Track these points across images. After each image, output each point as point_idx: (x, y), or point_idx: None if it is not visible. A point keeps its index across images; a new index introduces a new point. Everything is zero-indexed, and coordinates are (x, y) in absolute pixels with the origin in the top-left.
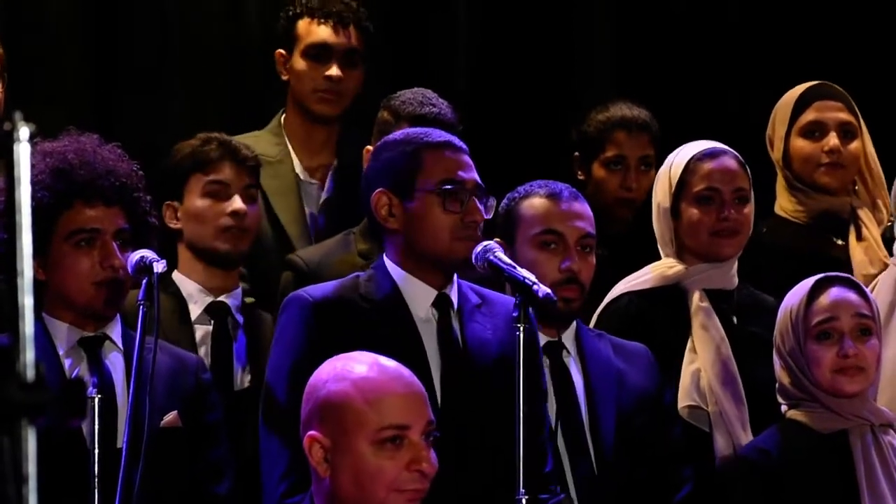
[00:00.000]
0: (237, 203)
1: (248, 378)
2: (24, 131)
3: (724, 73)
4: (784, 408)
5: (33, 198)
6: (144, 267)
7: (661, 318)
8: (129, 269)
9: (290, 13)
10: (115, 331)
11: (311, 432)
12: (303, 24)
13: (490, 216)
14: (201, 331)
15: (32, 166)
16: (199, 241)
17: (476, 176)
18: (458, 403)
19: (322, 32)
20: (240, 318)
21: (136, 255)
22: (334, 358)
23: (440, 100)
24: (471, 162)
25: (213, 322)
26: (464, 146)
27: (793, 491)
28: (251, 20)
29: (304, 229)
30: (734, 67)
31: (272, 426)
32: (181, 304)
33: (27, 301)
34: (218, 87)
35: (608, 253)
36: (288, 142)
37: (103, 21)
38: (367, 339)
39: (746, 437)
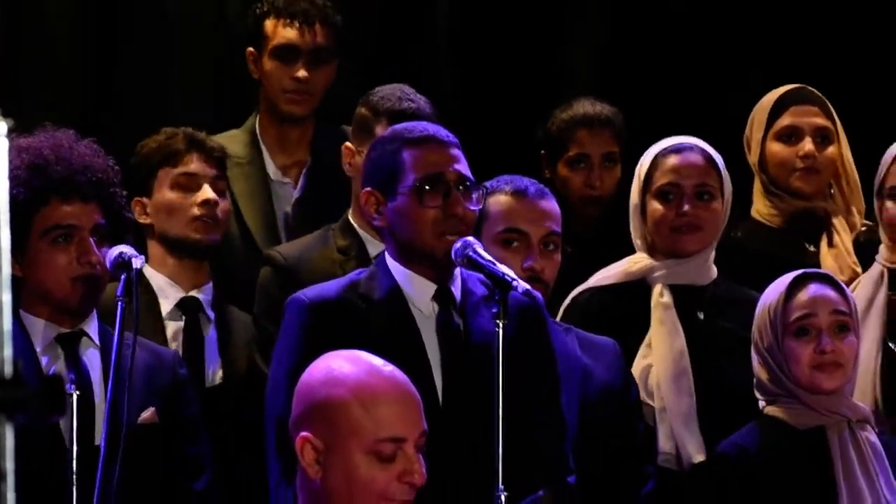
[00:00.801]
0: (208, 192)
1: (219, 374)
2: (1, 126)
3: (709, 74)
4: (762, 404)
5: (11, 195)
6: (123, 263)
7: (624, 313)
8: (108, 265)
9: (258, 11)
10: (91, 327)
11: (304, 433)
12: (269, 24)
13: (480, 206)
14: (172, 326)
15: (9, 161)
16: (170, 232)
17: (462, 168)
18: (459, 398)
19: (288, 33)
20: (211, 314)
21: (114, 251)
22: (326, 356)
23: (418, 95)
24: (457, 154)
25: (184, 317)
26: (450, 138)
27: (770, 487)
28: (235, 12)
29: (271, 232)
30: (718, 69)
31: (272, 429)
32: (152, 299)
33: (5, 297)
34: (213, 84)
35: (574, 250)
36: (261, 141)
37: (102, 16)
38: (366, 337)
39: (689, 433)
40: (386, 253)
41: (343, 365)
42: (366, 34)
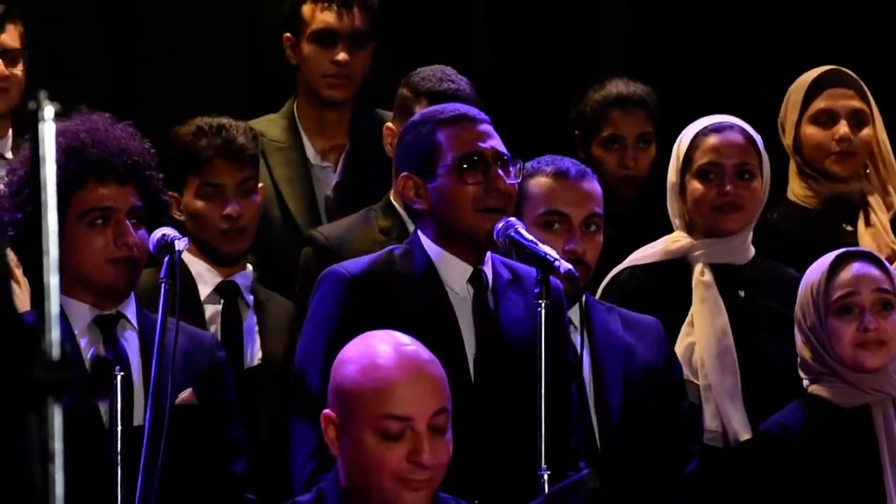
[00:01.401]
0: (230, 207)
1: (259, 355)
2: (48, 110)
3: (740, 53)
4: (805, 382)
5: None
6: (166, 245)
7: (664, 292)
8: (151, 247)
9: None
10: (129, 310)
11: (326, 411)
12: (307, 9)
13: (519, 179)
14: (210, 309)
15: None
16: (199, 237)
17: (497, 144)
18: (491, 380)
19: (326, 17)
20: (249, 298)
21: (157, 233)
22: (361, 336)
23: (459, 76)
24: (490, 130)
25: (222, 302)
26: (481, 115)
27: (816, 465)
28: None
29: (313, 217)
30: (750, 48)
31: (302, 404)
32: (190, 282)
33: (53, 280)
34: (236, 68)
35: (613, 231)
36: (300, 126)
37: (121, 4)
38: (402, 315)
39: (735, 411)
40: (420, 232)
41: (367, 346)
42: (400, 17)
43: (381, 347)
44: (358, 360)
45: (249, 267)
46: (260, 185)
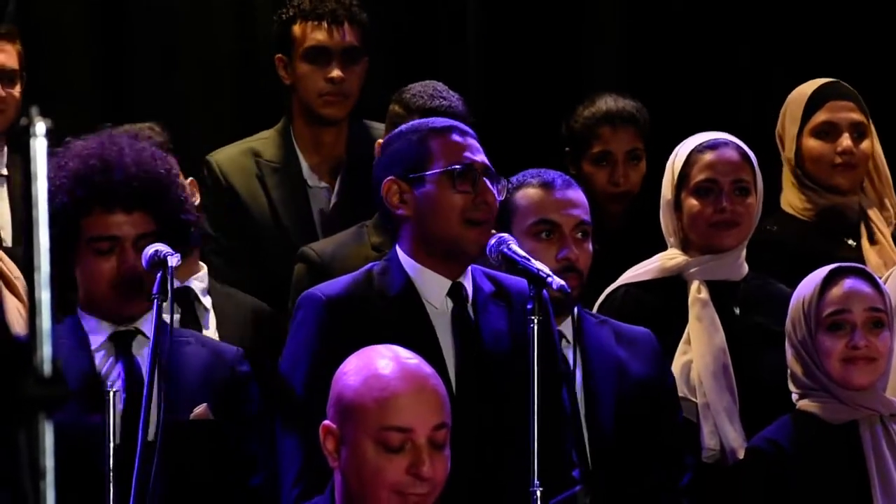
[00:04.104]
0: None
1: None
2: (40, 126)
3: (729, 69)
4: (795, 397)
5: (56, 202)
6: (158, 261)
7: (659, 309)
8: (144, 263)
9: (284, 17)
10: (146, 325)
11: (326, 422)
12: (298, 28)
13: (503, 197)
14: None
15: (60, 167)
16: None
17: (484, 159)
18: (473, 394)
19: (318, 34)
20: (207, 301)
21: (150, 249)
22: (362, 350)
23: (451, 92)
24: (478, 146)
25: (180, 311)
26: (470, 130)
27: (803, 481)
28: (262, 17)
29: (310, 236)
30: (739, 63)
31: (287, 426)
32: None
33: (44, 296)
34: (227, 85)
35: (601, 247)
36: (296, 145)
37: (111, 19)
38: (380, 334)
39: (733, 429)
40: (398, 248)
41: (366, 357)
42: (393, 31)
43: (383, 360)
44: (360, 371)
45: (204, 269)
46: (189, 179)
